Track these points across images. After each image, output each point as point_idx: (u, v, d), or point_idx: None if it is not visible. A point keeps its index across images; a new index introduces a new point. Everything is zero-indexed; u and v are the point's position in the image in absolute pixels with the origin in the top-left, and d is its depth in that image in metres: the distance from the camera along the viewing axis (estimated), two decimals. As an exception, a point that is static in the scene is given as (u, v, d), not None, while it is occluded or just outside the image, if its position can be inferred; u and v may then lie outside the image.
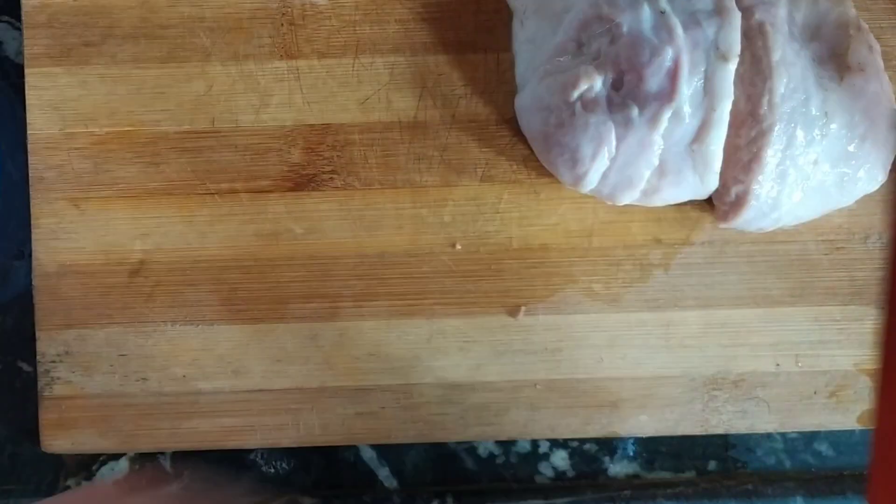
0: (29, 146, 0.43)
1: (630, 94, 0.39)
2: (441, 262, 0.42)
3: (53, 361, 0.42)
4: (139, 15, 0.43)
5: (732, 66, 0.38)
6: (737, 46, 0.38)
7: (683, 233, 0.43)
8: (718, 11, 0.39)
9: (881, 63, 0.40)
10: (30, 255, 0.43)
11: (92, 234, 0.42)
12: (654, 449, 0.44)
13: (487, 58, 0.43)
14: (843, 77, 0.39)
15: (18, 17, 0.43)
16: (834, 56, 0.40)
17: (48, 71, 0.42)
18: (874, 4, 0.42)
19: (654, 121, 0.38)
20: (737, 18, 0.39)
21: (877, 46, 0.40)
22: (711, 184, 0.40)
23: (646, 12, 0.39)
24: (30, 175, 0.42)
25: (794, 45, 0.39)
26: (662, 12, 0.39)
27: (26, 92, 0.42)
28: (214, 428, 0.42)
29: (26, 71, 0.42)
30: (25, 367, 0.45)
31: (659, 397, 0.42)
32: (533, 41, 0.42)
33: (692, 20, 0.39)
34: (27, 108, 0.42)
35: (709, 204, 0.42)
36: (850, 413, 0.42)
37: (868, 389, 0.42)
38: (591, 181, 0.40)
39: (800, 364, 0.42)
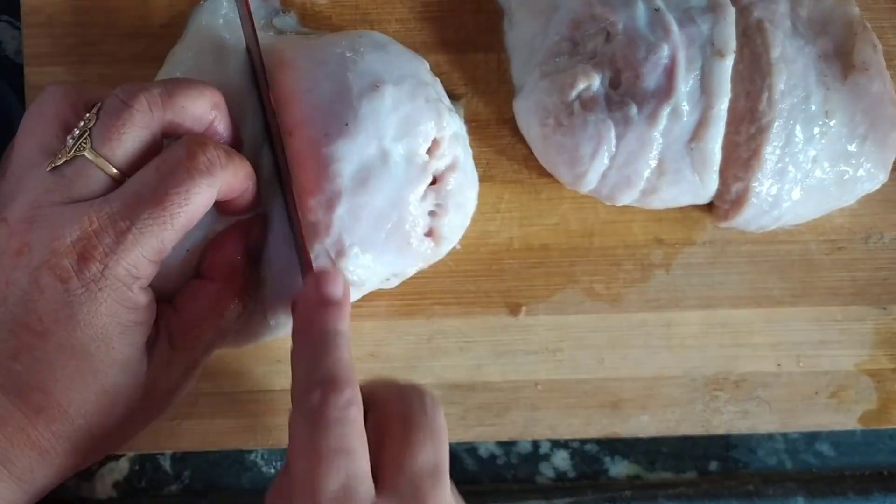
0: (28, 146, 0.42)
1: (628, 92, 0.39)
2: (441, 262, 0.42)
3: (53, 361, 0.42)
4: (139, 14, 0.43)
5: (728, 62, 0.38)
6: (732, 42, 0.38)
7: (684, 233, 0.43)
8: (712, 7, 0.39)
9: (884, 62, 0.40)
10: (29, 255, 0.43)
11: (91, 234, 0.42)
12: (655, 449, 0.44)
13: (487, 58, 0.43)
14: (847, 75, 0.39)
15: (18, 17, 0.43)
16: (839, 54, 0.40)
17: (48, 70, 0.42)
18: (875, 4, 0.42)
19: (652, 118, 0.38)
20: (731, 14, 0.39)
21: (880, 46, 0.40)
22: (710, 185, 0.40)
23: (640, 10, 0.39)
24: (29, 175, 0.42)
25: (798, 40, 0.39)
26: (657, 10, 0.39)
27: (26, 91, 0.42)
28: (214, 428, 0.42)
29: (26, 70, 0.42)
30: (24, 367, 0.45)
31: (660, 397, 0.42)
32: (524, 40, 0.42)
33: (686, 17, 0.39)
34: (27, 107, 0.42)
35: (709, 206, 0.42)
36: (852, 413, 0.42)
37: (870, 389, 0.42)
38: (591, 181, 0.40)
39: (801, 364, 0.42)
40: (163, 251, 0.32)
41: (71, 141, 0.32)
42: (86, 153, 0.32)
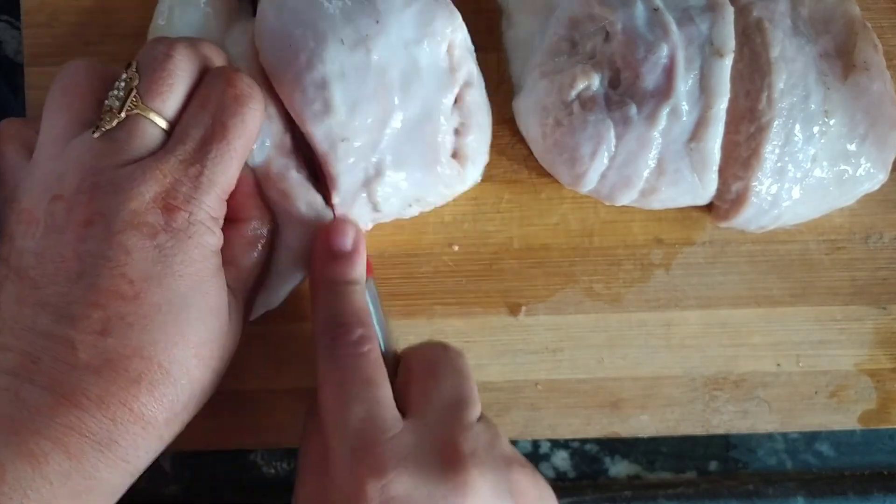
0: (28, 145, 0.42)
1: (627, 91, 0.39)
2: (441, 262, 0.42)
3: (52, 361, 0.42)
4: (139, 14, 0.43)
5: (727, 62, 0.38)
6: (731, 41, 0.38)
7: (684, 232, 0.43)
8: (711, 7, 0.39)
9: (884, 62, 0.40)
10: (29, 255, 0.42)
11: (91, 234, 0.42)
12: (654, 449, 0.44)
13: (487, 58, 0.43)
14: (847, 75, 0.39)
15: (18, 17, 0.43)
16: (840, 53, 0.40)
17: (48, 70, 0.42)
18: (875, 4, 0.42)
19: (652, 118, 0.38)
20: (730, 13, 0.39)
21: (881, 45, 0.40)
22: (709, 185, 0.40)
23: (639, 9, 0.39)
24: (29, 174, 0.42)
25: (799, 39, 0.39)
26: (656, 9, 0.39)
27: (26, 91, 0.42)
28: (214, 428, 0.42)
29: (26, 70, 0.42)
30: (24, 367, 0.45)
31: (660, 397, 0.42)
32: (523, 40, 0.42)
33: (685, 16, 0.39)
34: (27, 107, 0.42)
35: (709, 206, 0.42)
36: (851, 413, 0.42)
37: (869, 389, 0.42)
38: (591, 181, 0.40)
39: (801, 364, 0.42)
40: (231, 186, 0.33)
41: (117, 102, 0.32)
42: (138, 110, 0.32)
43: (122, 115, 0.32)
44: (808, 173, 0.39)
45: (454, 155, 0.39)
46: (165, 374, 0.31)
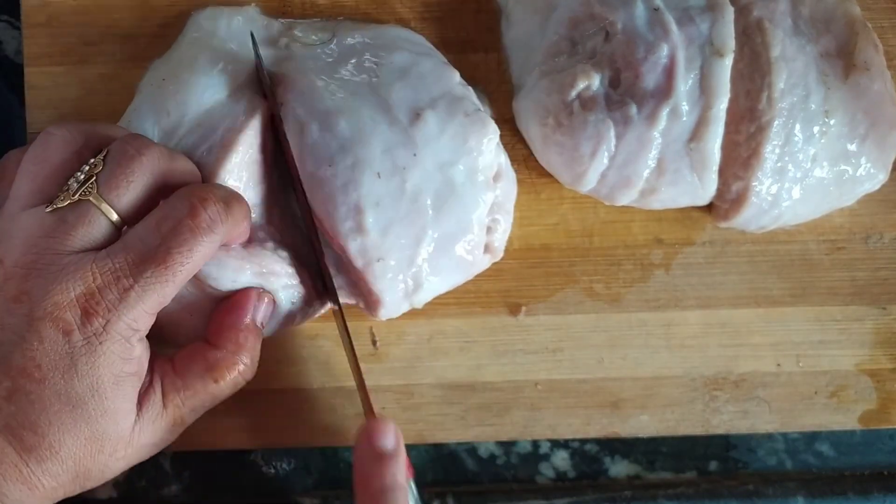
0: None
1: (628, 91, 0.39)
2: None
3: (52, 361, 0.42)
4: (139, 14, 0.43)
5: (727, 62, 0.38)
6: (731, 41, 0.38)
7: (684, 232, 0.43)
8: (711, 7, 0.39)
9: (885, 62, 0.40)
10: (29, 255, 0.42)
11: (91, 234, 0.42)
12: (654, 449, 0.44)
13: (488, 58, 0.43)
14: (848, 75, 0.39)
15: (18, 17, 0.43)
16: (841, 53, 0.40)
17: (48, 70, 0.42)
18: (875, 4, 0.42)
19: (652, 118, 0.38)
20: (729, 13, 0.39)
21: (881, 45, 0.40)
22: (709, 186, 0.40)
23: (639, 9, 0.39)
24: (29, 174, 0.42)
25: (800, 39, 0.39)
26: (656, 9, 0.39)
27: (26, 91, 0.42)
28: (214, 428, 0.42)
29: (26, 70, 0.42)
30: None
31: (660, 397, 0.42)
32: (522, 40, 0.42)
33: (685, 16, 0.39)
34: (27, 107, 0.42)
35: (709, 206, 0.42)
36: (851, 413, 0.42)
37: (869, 389, 0.42)
38: (590, 180, 0.40)
39: (801, 364, 0.42)
40: (163, 304, 0.33)
41: (75, 184, 0.33)
42: (91, 198, 0.32)
43: (76, 197, 0.32)
44: (808, 173, 0.39)
45: (485, 248, 0.40)
46: (54, 454, 0.32)
